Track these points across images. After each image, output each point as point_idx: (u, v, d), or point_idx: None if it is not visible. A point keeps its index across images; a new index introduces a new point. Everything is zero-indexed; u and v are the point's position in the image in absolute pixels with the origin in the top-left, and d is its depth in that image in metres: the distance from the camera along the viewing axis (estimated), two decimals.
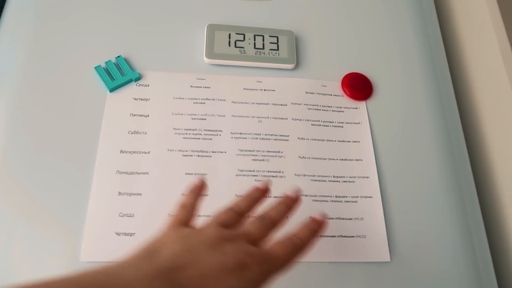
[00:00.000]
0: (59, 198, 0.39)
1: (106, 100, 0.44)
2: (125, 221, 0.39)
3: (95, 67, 0.45)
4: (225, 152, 0.43)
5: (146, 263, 0.25)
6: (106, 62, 0.45)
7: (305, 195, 0.42)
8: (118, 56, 0.46)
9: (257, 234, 0.29)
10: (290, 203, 0.33)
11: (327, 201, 0.42)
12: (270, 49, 0.48)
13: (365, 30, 0.52)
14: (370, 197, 0.43)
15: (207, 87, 0.46)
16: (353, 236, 0.41)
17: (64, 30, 0.47)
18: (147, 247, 0.27)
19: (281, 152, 0.43)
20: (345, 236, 0.41)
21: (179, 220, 0.31)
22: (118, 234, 0.38)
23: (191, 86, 0.46)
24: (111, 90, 0.44)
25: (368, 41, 0.52)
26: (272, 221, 0.31)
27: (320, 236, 0.40)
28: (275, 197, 0.41)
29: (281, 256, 0.28)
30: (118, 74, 0.45)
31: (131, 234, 0.38)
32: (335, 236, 0.40)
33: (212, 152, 0.42)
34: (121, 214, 0.39)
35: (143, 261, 0.26)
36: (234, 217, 0.31)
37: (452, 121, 0.49)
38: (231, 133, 0.44)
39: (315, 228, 0.32)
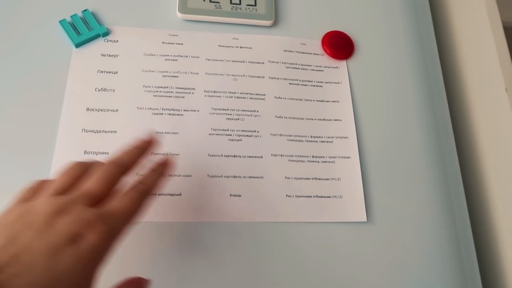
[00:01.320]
0: (20, 158, 0.37)
1: (71, 56, 0.41)
2: None
3: (59, 21, 0.42)
4: (198, 110, 0.41)
5: None
6: (72, 16, 0.43)
7: (281, 155, 0.40)
8: (85, 10, 0.43)
9: (99, 188, 0.25)
10: (145, 145, 0.30)
11: (304, 161, 0.40)
12: (247, 5, 0.46)
13: None
14: (348, 157, 0.41)
15: (180, 44, 0.43)
16: (330, 197, 0.40)
17: None
18: None
19: (257, 111, 0.42)
20: (321, 197, 0.39)
21: (24, 195, 0.26)
22: None
23: (163, 43, 0.43)
24: (77, 46, 0.42)
25: None
26: (120, 168, 0.27)
27: (296, 196, 0.39)
28: (249, 156, 0.40)
29: (126, 210, 0.25)
30: (85, 29, 0.42)
31: None
32: (311, 197, 0.39)
33: (184, 110, 0.41)
34: None
35: None
36: (75, 175, 0.26)
37: (436, 84, 0.48)
38: (205, 91, 0.42)
39: (162, 170, 0.30)
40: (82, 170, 0.27)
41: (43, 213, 0.23)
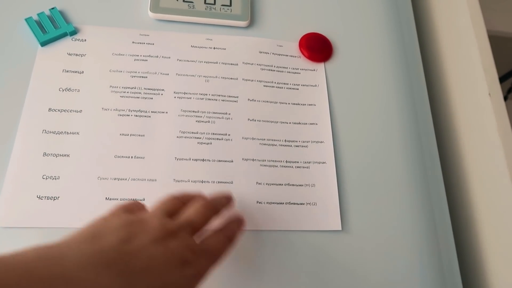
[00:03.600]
0: None
1: (36, 55, 0.40)
2: (49, 184, 0.35)
3: (25, 19, 0.41)
4: (166, 112, 0.39)
5: (88, 247, 0.23)
6: (38, 14, 0.41)
7: (253, 160, 0.38)
8: (53, 8, 0.42)
9: (200, 222, 0.29)
10: (228, 198, 0.34)
11: (277, 166, 0.39)
12: (222, 5, 0.44)
13: None
14: (324, 162, 0.40)
15: (151, 44, 0.42)
16: (303, 204, 0.38)
17: None
18: (89, 230, 0.26)
19: (229, 114, 0.40)
20: (294, 204, 0.37)
21: (126, 207, 0.30)
22: (40, 197, 0.34)
23: (133, 42, 0.42)
24: (43, 44, 0.40)
25: None
26: (215, 209, 0.31)
27: (268, 203, 0.37)
28: (219, 161, 0.38)
29: (218, 252, 0.29)
30: (52, 27, 0.41)
31: (54, 198, 0.34)
32: (283, 203, 0.37)
33: (152, 112, 0.39)
34: (44, 177, 0.35)
35: (86, 245, 0.24)
36: (178, 205, 0.30)
37: (418, 88, 0.47)
38: (174, 92, 0.40)
39: (240, 224, 0.33)
40: (185, 200, 0.31)
41: (157, 227, 0.26)
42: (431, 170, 0.42)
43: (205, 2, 0.44)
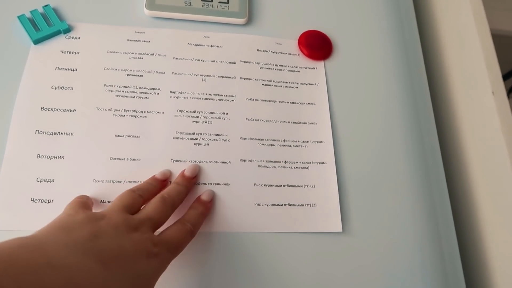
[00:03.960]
0: None
1: (29, 52, 0.39)
2: (43, 187, 0.34)
3: (18, 16, 0.40)
4: (162, 112, 0.38)
5: (64, 237, 0.25)
6: (31, 11, 0.40)
7: (251, 160, 0.38)
8: (46, 5, 0.41)
9: (159, 218, 0.30)
10: (187, 183, 0.34)
11: (275, 167, 0.38)
12: (219, 2, 0.43)
13: None
14: (324, 163, 0.39)
15: (146, 41, 0.41)
16: (303, 205, 0.37)
17: None
18: (58, 223, 0.27)
19: (226, 113, 0.39)
20: (293, 205, 0.37)
21: (82, 202, 0.31)
22: (34, 200, 0.34)
23: (128, 40, 0.41)
24: (36, 42, 0.39)
25: None
26: (173, 204, 0.32)
27: (266, 205, 0.36)
28: (216, 162, 0.37)
29: (179, 242, 0.30)
30: (45, 25, 0.40)
31: (49, 201, 0.34)
32: (282, 205, 0.36)
33: (148, 112, 0.38)
34: (39, 179, 0.34)
35: (60, 235, 0.25)
36: (136, 199, 0.31)
37: (419, 86, 0.46)
38: (171, 91, 0.39)
39: (204, 211, 0.34)
40: (141, 193, 0.32)
41: (120, 222, 0.28)
42: (433, 170, 0.42)
43: None
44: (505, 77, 0.87)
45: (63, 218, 0.28)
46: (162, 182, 0.35)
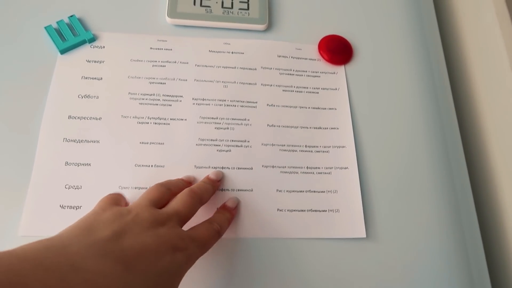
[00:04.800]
0: None
1: (56, 62, 0.40)
2: (72, 193, 0.35)
3: (45, 27, 0.41)
4: (185, 119, 0.39)
5: (86, 239, 0.25)
6: (57, 22, 0.41)
7: (273, 166, 0.38)
8: (71, 16, 0.42)
9: (187, 212, 0.31)
10: (213, 183, 0.35)
11: (297, 172, 0.38)
12: (240, 9, 0.44)
13: None
14: (346, 168, 0.39)
15: (169, 49, 0.42)
16: (326, 211, 0.37)
17: None
18: (82, 224, 0.27)
19: (248, 119, 0.39)
20: (316, 211, 0.37)
21: (113, 199, 0.32)
22: (62, 207, 0.34)
23: (151, 48, 0.41)
24: (62, 52, 0.40)
25: (348, 0, 0.47)
26: (201, 199, 0.32)
27: (289, 210, 0.36)
28: (239, 168, 0.38)
29: (206, 240, 0.30)
30: (71, 35, 0.41)
31: (77, 207, 0.35)
32: (304, 211, 0.37)
33: (171, 119, 0.38)
34: (67, 186, 0.35)
35: (82, 237, 0.26)
36: (164, 193, 0.32)
37: (441, 90, 0.45)
38: (193, 98, 0.40)
39: (229, 217, 0.34)
40: (170, 187, 0.33)
41: (146, 217, 0.28)
42: (458, 174, 0.41)
43: (222, 6, 0.43)
44: None
45: (89, 217, 0.28)
46: (188, 183, 0.35)
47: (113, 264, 0.24)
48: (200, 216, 0.33)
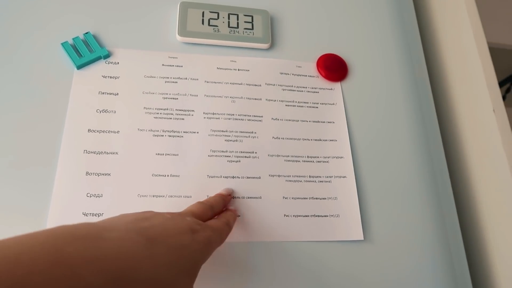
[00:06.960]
0: (22, 179, 0.37)
1: (73, 77, 0.42)
2: (93, 202, 0.37)
3: (61, 43, 0.43)
4: (197, 132, 0.42)
5: (116, 219, 0.29)
6: (73, 38, 0.44)
7: (279, 176, 0.41)
8: (87, 33, 0.44)
9: (200, 214, 0.34)
10: (225, 197, 0.39)
11: (301, 181, 0.42)
12: (245, 28, 0.47)
13: (341, 11, 0.52)
14: (344, 176, 0.43)
15: (179, 66, 0.44)
16: (327, 216, 0.41)
17: (29, 4, 0.45)
18: (107, 220, 0.30)
19: (255, 132, 0.43)
20: (319, 216, 0.40)
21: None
22: (85, 214, 0.37)
23: (163, 65, 0.44)
24: (79, 68, 0.43)
25: (343, 22, 0.51)
26: (212, 208, 0.36)
27: (294, 216, 0.40)
28: (248, 177, 0.41)
29: (220, 228, 0.33)
30: (86, 51, 0.43)
31: (99, 215, 0.37)
32: (308, 216, 0.40)
33: (184, 132, 0.41)
34: (88, 195, 0.38)
35: (115, 218, 0.29)
36: (204, 209, 0.35)
37: (426, 105, 0.50)
38: (204, 113, 0.43)
39: (233, 214, 0.38)
40: (210, 205, 0.36)
41: (166, 213, 0.31)
42: (442, 183, 0.46)
43: (229, 26, 0.47)
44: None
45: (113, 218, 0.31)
46: (228, 195, 0.39)
47: (136, 235, 0.26)
48: None
